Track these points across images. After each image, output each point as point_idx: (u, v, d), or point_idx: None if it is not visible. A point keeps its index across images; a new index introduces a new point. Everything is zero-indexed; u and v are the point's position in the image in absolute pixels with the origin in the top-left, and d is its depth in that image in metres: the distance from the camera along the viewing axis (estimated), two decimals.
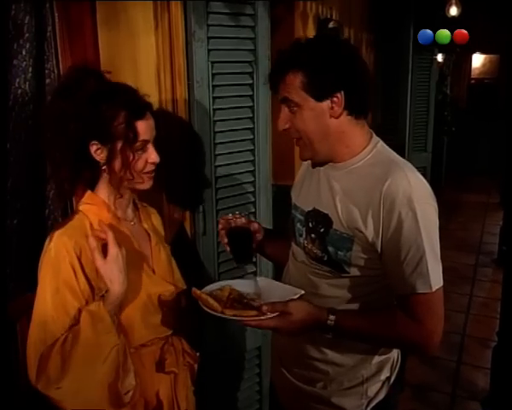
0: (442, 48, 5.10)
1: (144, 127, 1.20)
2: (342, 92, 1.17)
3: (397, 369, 1.35)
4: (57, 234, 1.16)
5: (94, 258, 1.12)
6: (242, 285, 1.29)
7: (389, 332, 1.19)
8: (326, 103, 1.19)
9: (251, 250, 1.46)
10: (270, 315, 1.12)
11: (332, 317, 1.16)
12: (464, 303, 3.99)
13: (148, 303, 1.24)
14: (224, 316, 1.13)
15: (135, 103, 1.20)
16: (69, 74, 1.22)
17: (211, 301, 1.15)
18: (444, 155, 7.37)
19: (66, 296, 1.13)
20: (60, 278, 1.13)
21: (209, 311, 1.14)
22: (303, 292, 1.19)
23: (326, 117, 1.20)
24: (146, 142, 1.22)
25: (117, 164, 1.19)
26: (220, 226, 1.42)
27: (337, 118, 1.20)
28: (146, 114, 1.21)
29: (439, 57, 5.72)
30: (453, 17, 4.43)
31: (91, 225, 1.20)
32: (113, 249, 1.12)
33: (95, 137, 1.17)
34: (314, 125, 1.21)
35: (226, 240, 1.41)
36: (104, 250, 1.14)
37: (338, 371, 1.29)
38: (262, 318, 1.12)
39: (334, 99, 1.18)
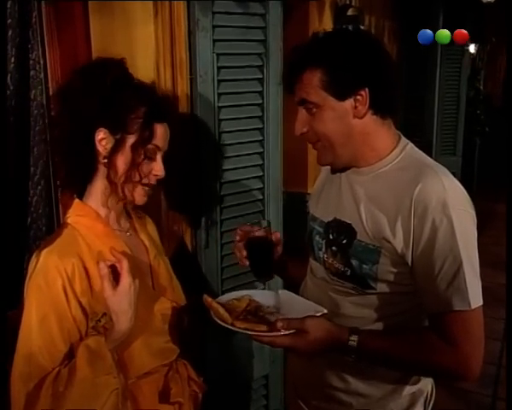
0: (475, 37, 5.10)
1: (161, 133, 1.23)
2: (367, 89, 1.18)
3: (431, 404, 1.35)
4: (45, 253, 1.16)
5: (103, 287, 1.12)
6: (263, 297, 1.32)
7: (420, 357, 1.19)
8: (349, 102, 1.20)
9: (273, 264, 1.46)
10: (284, 332, 1.13)
11: (354, 337, 1.16)
12: (500, 329, 3.96)
13: (150, 325, 1.25)
14: (234, 329, 1.14)
15: (158, 105, 1.23)
16: (94, 60, 1.27)
17: (221, 310, 1.17)
18: (475, 158, 7.36)
19: (55, 324, 1.12)
20: (48, 304, 1.13)
21: (219, 322, 1.16)
22: (325, 311, 1.20)
23: (349, 118, 1.21)
24: (157, 149, 1.24)
25: (120, 159, 1.20)
26: (238, 238, 1.42)
27: (361, 118, 1.21)
28: (166, 120, 1.25)
29: (472, 48, 5.72)
30: (489, 2, 4.45)
31: (84, 239, 1.20)
32: (125, 280, 1.12)
33: (105, 122, 1.18)
34: (336, 127, 1.22)
35: (245, 253, 1.40)
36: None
37: (363, 404, 1.30)
38: (275, 334, 1.13)
39: (358, 97, 1.19)
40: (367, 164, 1.26)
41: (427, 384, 1.34)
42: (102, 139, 1.19)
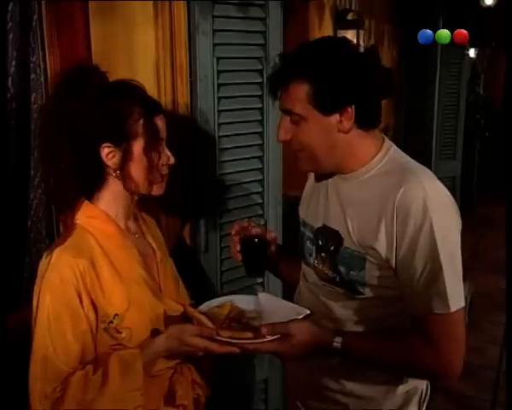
0: (476, 41, 5.12)
1: (161, 124, 1.25)
2: (353, 106, 1.20)
3: (426, 403, 1.37)
4: (58, 251, 1.17)
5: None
6: (244, 301, 1.32)
7: (402, 357, 1.22)
8: (334, 117, 1.21)
9: (265, 262, 1.48)
10: (269, 338, 1.15)
11: (338, 339, 1.19)
12: (499, 334, 3.97)
13: (158, 327, 1.25)
14: (218, 338, 1.14)
15: (149, 99, 1.25)
16: (70, 72, 1.25)
17: (205, 320, 1.16)
18: (475, 163, 7.38)
19: (69, 324, 1.14)
20: (62, 302, 1.14)
21: None
22: (308, 312, 1.23)
23: (334, 131, 1.22)
24: (162, 141, 1.26)
25: (134, 167, 1.22)
26: (233, 232, 1.44)
27: (346, 133, 1.23)
28: (161, 109, 1.27)
29: (472, 52, 5.75)
30: (488, 7, 4.48)
31: (95, 239, 1.22)
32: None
33: (107, 138, 1.19)
34: (320, 139, 1.23)
35: (239, 247, 1.42)
36: None
37: (358, 404, 1.32)
38: (260, 341, 1.14)
39: (344, 113, 1.20)
40: (350, 170, 1.28)
41: (421, 383, 1.36)
42: (109, 154, 1.20)
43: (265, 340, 1.15)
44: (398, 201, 1.16)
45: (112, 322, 1.17)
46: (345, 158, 1.26)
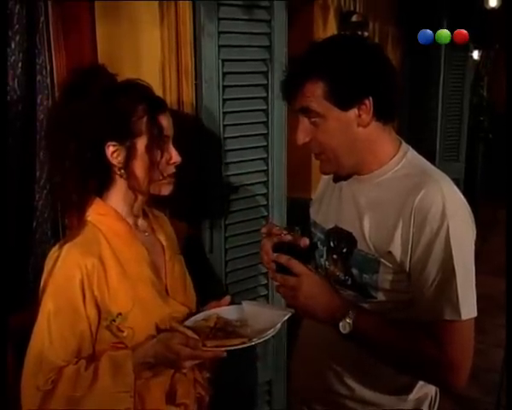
0: (479, 43, 5.10)
1: (166, 122, 1.25)
2: (370, 98, 1.18)
3: (435, 407, 1.36)
4: (67, 247, 1.18)
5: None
6: (229, 312, 1.32)
7: (411, 352, 1.18)
8: (353, 112, 1.19)
9: None
10: (255, 341, 1.14)
11: (352, 313, 1.17)
12: (502, 336, 3.94)
13: (161, 327, 1.25)
14: (205, 349, 1.14)
15: (154, 97, 1.26)
16: (77, 73, 1.26)
17: (190, 333, 1.16)
18: (479, 165, 7.36)
19: (69, 319, 1.14)
20: (64, 298, 1.15)
21: None
22: (293, 311, 1.22)
23: (353, 127, 1.21)
24: (167, 139, 1.26)
25: (138, 165, 1.22)
26: (264, 237, 1.30)
27: (365, 127, 1.21)
28: (167, 108, 1.27)
29: (475, 54, 5.74)
30: (493, 9, 4.47)
31: (105, 237, 1.22)
32: None
33: (112, 136, 1.19)
34: (340, 137, 1.21)
35: (272, 255, 1.24)
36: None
37: None
38: (247, 345, 1.14)
39: (362, 106, 1.19)
40: (368, 171, 1.27)
41: (431, 389, 1.35)
42: (113, 152, 1.21)
43: (252, 343, 1.14)
44: (416, 204, 1.15)
45: (114, 320, 1.17)
46: (365, 156, 1.25)
